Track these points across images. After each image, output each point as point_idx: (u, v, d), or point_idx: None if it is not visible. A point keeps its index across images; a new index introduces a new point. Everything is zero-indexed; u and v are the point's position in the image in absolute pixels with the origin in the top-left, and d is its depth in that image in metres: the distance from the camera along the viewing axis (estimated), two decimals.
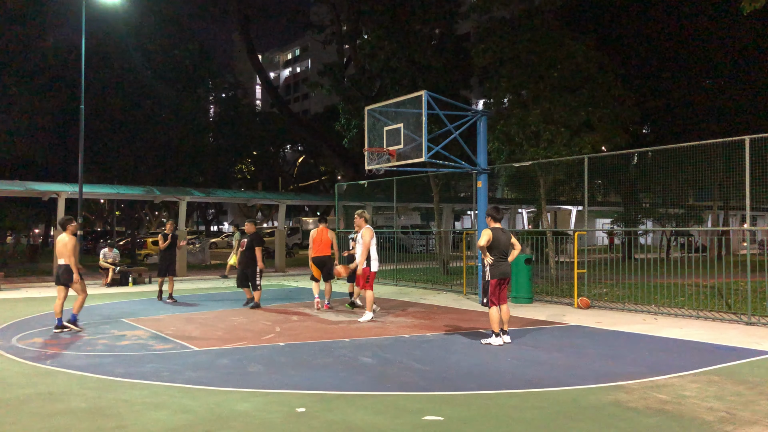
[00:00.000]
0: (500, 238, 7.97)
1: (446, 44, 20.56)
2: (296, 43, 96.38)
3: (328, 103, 49.00)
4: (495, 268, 7.90)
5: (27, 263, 26.97)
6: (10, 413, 5.00)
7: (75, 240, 9.07)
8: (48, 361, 6.94)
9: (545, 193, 16.34)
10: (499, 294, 7.94)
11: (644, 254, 17.21)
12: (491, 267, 7.91)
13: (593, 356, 7.22)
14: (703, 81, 22.86)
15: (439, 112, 11.64)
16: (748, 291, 9.74)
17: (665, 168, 17.65)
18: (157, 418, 4.83)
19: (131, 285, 16.59)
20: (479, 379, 6.10)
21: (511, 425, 4.67)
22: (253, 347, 7.78)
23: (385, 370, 6.49)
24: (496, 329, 7.89)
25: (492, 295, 7.91)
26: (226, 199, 27.00)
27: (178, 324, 9.69)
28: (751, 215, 21.32)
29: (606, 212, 32.46)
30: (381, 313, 10.87)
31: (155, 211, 38.28)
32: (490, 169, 14.34)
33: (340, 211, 20.98)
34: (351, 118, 21.36)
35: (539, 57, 15.12)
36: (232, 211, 69.68)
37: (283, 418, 4.83)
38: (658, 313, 10.71)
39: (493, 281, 7.92)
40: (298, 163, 57.66)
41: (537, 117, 14.69)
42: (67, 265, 8.85)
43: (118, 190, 21.22)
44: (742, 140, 9.64)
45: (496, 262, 7.91)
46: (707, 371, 6.39)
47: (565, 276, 15.32)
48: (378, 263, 10.69)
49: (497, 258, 7.92)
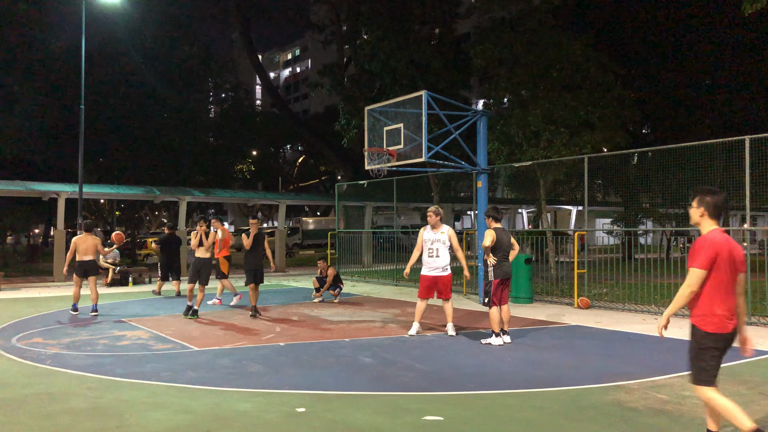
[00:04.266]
0: (503, 239, 7.98)
1: (446, 44, 20.57)
2: (296, 43, 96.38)
3: (328, 103, 49.01)
4: (498, 269, 7.91)
5: (27, 263, 26.99)
6: (10, 413, 5.00)
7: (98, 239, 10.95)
8: (48, 361, 6.93)
9: (545, 193, 16.34)
10: (501, 294, 7.95)
11: (644, 254, 17.21)
12: (495, 267, 7.91)
13: (593, 356, 7.22)
14: (703, 81, 22.85)
15: (439, 112, 11.65)
16: (749, 291, 9.74)
17: (665, 168, 17.65)
18: (158, 418, 4.83)
19: (131, 285, 16.58)
20: (479, 379, 6.10)
21: (511, 425, 4.67)
22: (253, 347, 7.78)
23: (385, 370, 6.49)
24: (496, 329, 7.89)
25: (494, 296, 7.91)
26: (226, 199, 27.01)
27: (178, 324, 9.69)
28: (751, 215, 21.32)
29: (606, 212, 32.47)
30: (381, 313, 10.87)
31: (155, 211, 38.25)
32: (490, 169, 14.35)
33: (340, 211, 20.98)
34: (351, 118, 21.36)
35: (538, 57, 15.12)
36: (232, 211, 69.66)
37: (283, 418, 4.83)
38: (658, 313, 10.71)
39: (495, 281, 7.92)
40: (298, 163, 57.65)
41: (537, 117, 14.70)
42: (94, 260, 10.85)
43: (118, 190, 21.22)
44: (742, 140, 9.65)
45: (499, 262, 7.92)
46: None
47: (565, 276, 15.32)
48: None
49: (500, 258, 7.92)
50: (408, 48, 19.13)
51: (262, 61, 40.12)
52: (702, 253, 3.91)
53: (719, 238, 3.94)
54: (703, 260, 3.89)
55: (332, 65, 25.07)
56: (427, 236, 8.59)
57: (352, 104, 21.62)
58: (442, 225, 8.60)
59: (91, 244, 10.65)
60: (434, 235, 8.54)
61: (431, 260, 8.50)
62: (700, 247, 3.94)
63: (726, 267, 3.93)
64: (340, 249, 19.14)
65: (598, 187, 24.63)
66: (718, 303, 3.93)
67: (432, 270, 8.50)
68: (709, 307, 3.94)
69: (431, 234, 8.56)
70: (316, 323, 9.83)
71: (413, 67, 19.12)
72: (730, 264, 3.94)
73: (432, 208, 8.71)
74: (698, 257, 3.92)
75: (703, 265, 3.89)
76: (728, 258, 3.94)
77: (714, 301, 3.93)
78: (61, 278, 17.61)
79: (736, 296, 3.99)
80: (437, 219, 8.59)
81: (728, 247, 3.95)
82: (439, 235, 8.51)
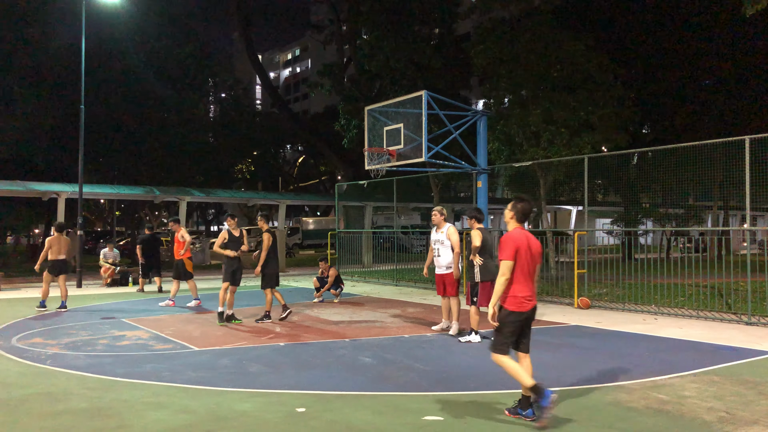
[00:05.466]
0: (488, 240, 8.12)
1: (446, 44, 20.58)
2: (296, 43, 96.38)
3: (328, 103, 48.99)
4: (485, 269, 7.92)
5: (27, 263, 26.99)
6: (10, 413, 5.00)
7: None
8: (48, 361, 6.93)
9: (545, 193, 16.34)
10: (487, 295, 7.96)
11: (644, 254, 17.21)
12: (481, 268, 7.92)
13: (593, 356, 7.22)
14: (703, 81, 22.84)
15: (439, 112, 11.65)
16: (748, 291, 9.74)
17: (665, 168, 17.65)
18: (158, 418, 4.83)
19: (131, 285, 16.58)
20: (479, 379, 6.10)
21: (511, 425, 4.67)
22: (253, 347, 7.78)
23: (385, 370, 6.49)
24: (476, 327, 8.14)
25: (480, 296, 7.97)
26: (226, 199, 27.02)
27: (178, 324, 9.69)
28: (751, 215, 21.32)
29: (606, 212, 32.47)
30: (380, 313, 10.87)
31: (155, 211, 38.25)
32: (490, 169, 14.35)
33: (340, 211, 20.97)
34: (351, 118, 21.37)
35: (539, 57, 15.12)
36: (232, 211, 69.67)
37: (283, 418, 4.83)
38: (658, 313, 10.70)
39: (483, 283, 7.94)
40: (298, 163, 57.62)
41: (537, 117, 14.70)
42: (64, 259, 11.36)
43: (118, 190, 21.22)
44: (742, 140, 9.65)
45: (486, 263, 7.94)
46: (707, 371, 6.39)
47: (565, 276, 15.32)
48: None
49: (486, 259, 7.96)
50: (408, 48, 19.13)
51: (262, 61, 40.09)
52: (506, 248, 4.71)
53: (518, 234, 4.80)
54: (508, 253, 4.69)
55: (332, 65, 25.08)
56: (431, 237, 8.85)
57: (352, 104, 21.63)
58: (444, 224, 8.68)
59: (63, 244, 11.26)
60: (436, 235, 8.74)
61: (436, 260, 8.76)
62: (505, 243, 4.74)
63: (526, 257, 4.74)
64: (340, 249, 19.14)
65: (598, 187, 24.63)
66: (520, 287, 4.72)
67: (438, 269, 8.75)
68: (513, 290, 4.72)
69: (434, 234, 8.77)
70: (316, 323, 9.83)
71: (413, 67, 19.13)
72: (529, 255, 4.76)
73: (436, 208, 8.86)
74: (504, 251, 4.71)
75: (509, 257, 4.68)
76: (527, 250, 4.75)
77: (517, 285, 4.71)
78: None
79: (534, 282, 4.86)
80: (440, 218, 8.70)
81: (527, 242, 4.77)
82: (439, 235, 8.68)
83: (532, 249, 4.80)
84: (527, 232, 4.88)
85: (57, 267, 11.19)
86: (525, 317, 4.75)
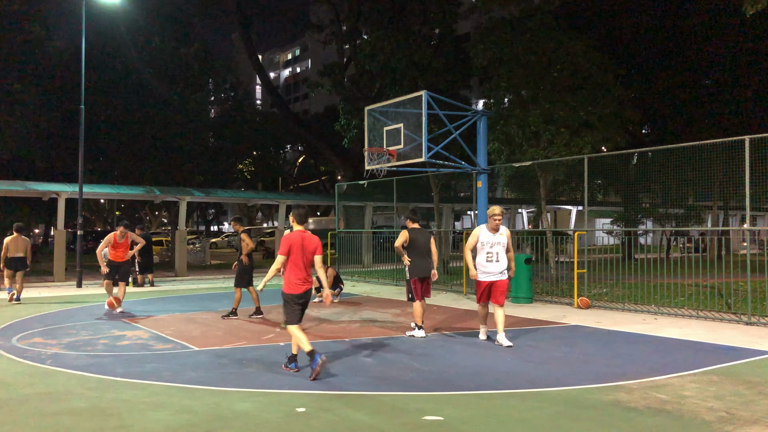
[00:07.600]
0: (417, 239, 8.43)
1: (446, 44, 20.56)
2: (296, 43, 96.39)
3: (328, 103, 49.02)
4: (413, 267, 8.38)
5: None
6: (10, 413, 5.00)
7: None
8: (48, 361, 6.94)
9: (545, 193, 16.33)
10: (420, 290, 8.44)
11: (644, 254, 17.22)
12: (410, 267, 8.41)
13: (593, 356, 7.22)
14: (703, 81, 22.84)
15: (439, 112, 11.65)
16: (748, 291, 9.74)
17: (665, 168, 17.65)
18: (158, 418, 4.83)
19: (131, 285, 16.57)
20: (479, 379, 6.10)
21: (511, 425, 4.67)
22: (253, 347, 7.78)
23: (385, 370, 6.49)
24: (419, 322, 8.42)
25: (414, 292, 8.44)
26: (226, 199, 27.01)
27: (178, 324, 9.69)
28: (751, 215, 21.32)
29: (606, 212, 32.47)
30: (380, 313, 10.87)
31: (155, 211, 38.26)
32: (490, 169, 14.35)
33: (340, 211, 20.98)
34: (351, 118, 21.35)
35: (539, 57, 15.11)
36: (232, 211, 69.63)
37: (283, 418, 4.83)
38: (658, 313, 10.71)
39: (413, 279, 8.43)
40: (298, 163, 57.62)
41: (537, 117, 14.69)
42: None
43: (118, 190, 21.22)
44: (742, 140, 9.65)
45: (414, 261, 8.36)
46: (707, 371, 6.39)
47: (565, 276, 15.32)
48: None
49: (414, 257, 8.36)
50: (408, 48, 19.11)
51: (262, 61, 40.10)
52: (282, 245, 6.21)
53: (294, 235, 6.24)
54: (283, 249, 6.20)
55: (332, 65, 25.05)
56: (484, 238, 7.91)
57: (352, 104, 21.62)
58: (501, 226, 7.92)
59: (21, 243, 12.59)
60: (494, 237, 7.88)
61: (491, 265, 7.89)
62: (282, 241, 6.23)
63: (298, 252, 6.19)
64: (340, 249, 19.14)
65: (598, 187, 24.62)
66: (294, 275, 6.21)
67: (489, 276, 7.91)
68: (288, 278, 6.23)
69: (491, 236, 7.89)
70: (316, 323, 9.83)
71: (413, 67, 19.11)
72: (301, 250, 6.19)
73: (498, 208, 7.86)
74: (281, 248, 6.23)
75: (283, 252, 6.20)
76: (300, 246, 6.19)
77: (291, 273, 6.21)
78: (61, 278, 17.63)
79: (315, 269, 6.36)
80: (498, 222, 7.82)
81: (300, 241, 6.21)
82: (498, 237, 7.88)
83: (306, 246, 6.21)
84: (304, 233, 6.29)
85: (14, 264, 12.43)
86: (301, 296, 6.25)
